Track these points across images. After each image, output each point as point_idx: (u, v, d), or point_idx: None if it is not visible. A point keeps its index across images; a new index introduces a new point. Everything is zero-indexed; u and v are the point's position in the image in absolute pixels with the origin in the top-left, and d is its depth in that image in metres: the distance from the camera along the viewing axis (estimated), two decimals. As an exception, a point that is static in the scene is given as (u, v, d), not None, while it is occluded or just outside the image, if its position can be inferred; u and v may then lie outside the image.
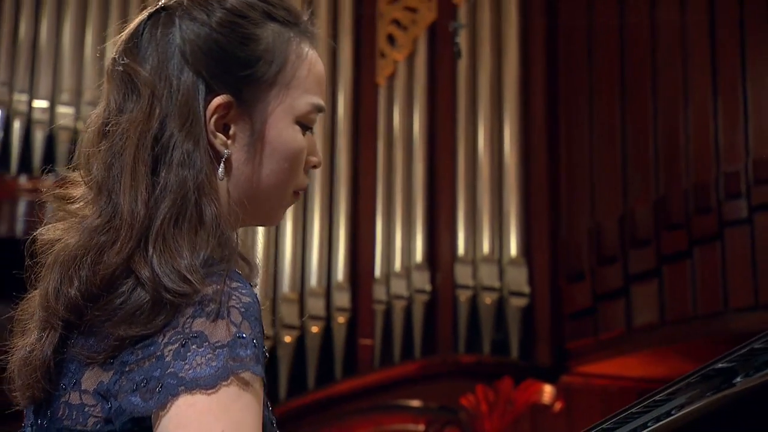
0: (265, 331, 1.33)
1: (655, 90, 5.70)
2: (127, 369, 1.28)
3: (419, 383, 5.53)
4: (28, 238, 1.41)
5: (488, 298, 5.67)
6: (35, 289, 1.40)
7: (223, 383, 1.24)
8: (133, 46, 1.40)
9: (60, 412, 1.34)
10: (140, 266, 1.30)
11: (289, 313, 5.62)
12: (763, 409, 1.42)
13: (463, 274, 5.72)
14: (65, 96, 5.68)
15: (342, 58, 6.01)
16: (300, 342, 5.57)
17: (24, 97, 5.67)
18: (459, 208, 5.83)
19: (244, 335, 1.27)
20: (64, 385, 1.34)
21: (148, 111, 1.37)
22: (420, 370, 5.61)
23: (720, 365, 1.45)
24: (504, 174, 5.89)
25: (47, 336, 1.35)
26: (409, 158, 5.93)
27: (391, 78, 6.02)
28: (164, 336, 1.27)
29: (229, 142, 1.38)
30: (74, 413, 1.33)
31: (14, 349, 1.40)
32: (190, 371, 1.25)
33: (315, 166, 1.48)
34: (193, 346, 1.25)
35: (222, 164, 1.37)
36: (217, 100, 1.37)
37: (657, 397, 1.54)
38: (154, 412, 1.25)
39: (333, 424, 5.52)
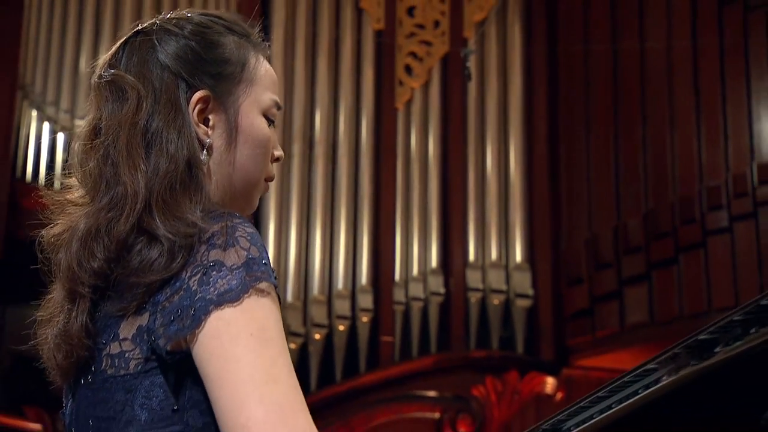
0: (297, 330, 1.42)
1: (644, 114, 5.70)
2: (160, 307, 1.29)
3: (435, 375, 5.52)
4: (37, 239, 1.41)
5: (496, 300, 5.69)
6: (52, 283, 1.41)
7: (245, 295, 1.26)
8: (116, 61, 1.44)
9: (103, 365, 1.33)
10: (150, 224, 1.31)
11: (318, 314, 5.59)
12: (741, 376, 1.37)
13: (473, 279, 5.74)
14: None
15: (365, 87, 5.98)
16: (328, 339, 5.55)
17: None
18: (470, 219, 5.84)
19: (253, 256, 1.29)
20: (104, 340, 1.33)
21: (135, 108, 1.39)
22: (435, 363, 5.60)
23: (702, 337, 1.44)
24: (510, 190, 5.90)
25: (78, 305, 1.35)
26: (425, 175, 5.91)
27: (409, 104, 6.00)
28: (186, 272, 1.28)
29: (210, 131, 1.41)
30: (116, 361, 1.32)
31: (44, 337, 1.40)
32: (215, 292, 1.26)
33: (278, 159, 1.50)
34: (213, 273, 1.27)
35: (205, 150, 1.40)
36: (198, 94, 1.40)
37: (647, 367, 1.53)
38: (191, 333, 1.26)
39: (358, 413, 5.46)
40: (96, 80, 1.44)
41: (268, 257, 1.31)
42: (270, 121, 1.47)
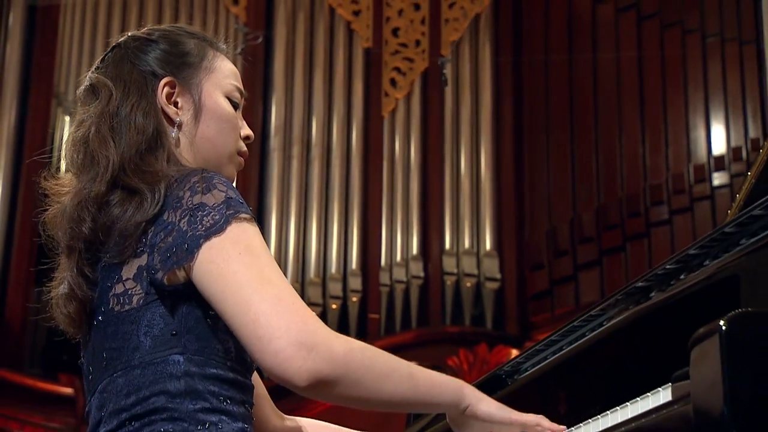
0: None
1: (596, 120, 5.72)
2: (156, 248, 1.30)
3: (415, 348, 5.47)
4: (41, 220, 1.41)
5: (468, 282, 5.68)
6: (57, 257, 1.41)
7: (228, 226, 1.27)
8: (94, 69, 1.47)
9: (111, 304, 1.33)
10: (124, 180, 1.34)
11: (314, 294, 5.60)
12: (672, 317, 1.35)
13: (449, 264, 5.72)
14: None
15: (355, 97, 5.96)
16: (323, 316, 5.32)
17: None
18: (446, 213, 5.82)
19: (231, 196, 1.30)
20: (109, 284, 1.34)
21: (106, 101, 1.41)
22: (415, 338, 5.60)
23: (639, 284, 1.46)
24: (480, 187, 5.89)
25: (77, 262, 1.35)
26: (407, 174, 5.90)
27: (393, 112, 5.98)
28: (176, 216, 1.29)
29: (179, 111, 1.43)
30: (121, 299, 1.33)
31: (55, 298, 1.40)
32: (202, 228, 1.27)
33: (247, 137, 1.49)
34: (199, 213, 1.28)
35: (176, 127, 1.42)
36: (164, 80, 1.43)
37: (592, 312, 1.57)
38: (187, 266, 1.27)
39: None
40: (80, 93, 1.47)
41: (241, 197, 1.33)
42: (234, 104, 1.48)
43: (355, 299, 5.67)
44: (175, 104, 1.44)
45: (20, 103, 5.51)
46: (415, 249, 5.79)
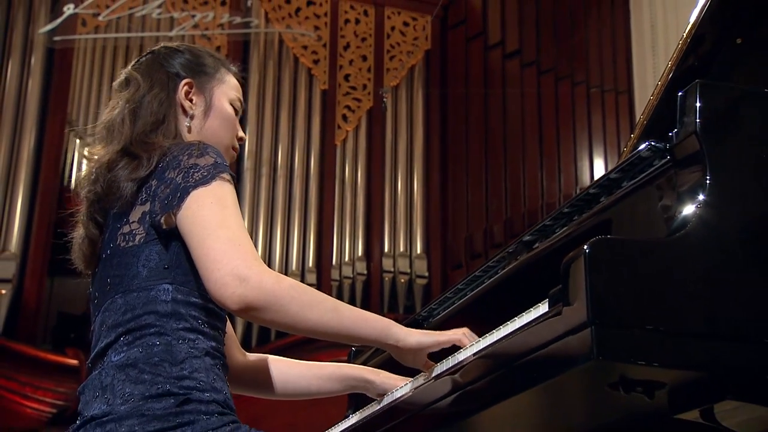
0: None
1: (505, 151, 5.77)
2: (157, 197, 1.31)
3: None
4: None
5: (402, 279, 5.71)
6: (78, 210, 1.42)
7: (213, 181, 1.28)
8: (131, 67, 1.50)
9: (118, 241, 1.34)
10: (131, 149, 1.36)
11: None
12: (550, 261, 1.33)
13: (387, 264, 5.73)
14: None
15: (313, 129, 5.88)
16: None
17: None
18: (385, 223, 5.83)
19: (219, 161, 1.31)
20: (119, 225, 1.34)
21: (134, 90, 1.44)
22: None
23: (526, 238, 1.49)
24: (413, 202, 5.91)
25: (88, 207, 1.37)
26: (354, 192, 5.87)
27: (344, 142, 5.95)
28: (174, 173, 1.30)
29: (193, 106, 1.45)
30: (127, 237, 1.33)
31: (74, 239, 1.41)
32: (192, 181, 1.29)
33: (241, 139, 1.51)
34: (192, 171, 1.30)
35: (188, 117, 1.44)
36: (185, 80, 1.46)
37: (490, 263, 1.58)
38: (178, 208, 1.28)
39: (306, 356, 5.24)
40: (116, 81, 1.50)
41: (226, 163, 1.34)
42: (235, 111, 1.49)
43: (311, 291, 5.63)
44: (190, 100, 1.46)
45: (39, 129, 5.40)
46: (360, 251, 5.80)
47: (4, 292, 5.01)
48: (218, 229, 1.25)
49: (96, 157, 1.42)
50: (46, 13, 5.53)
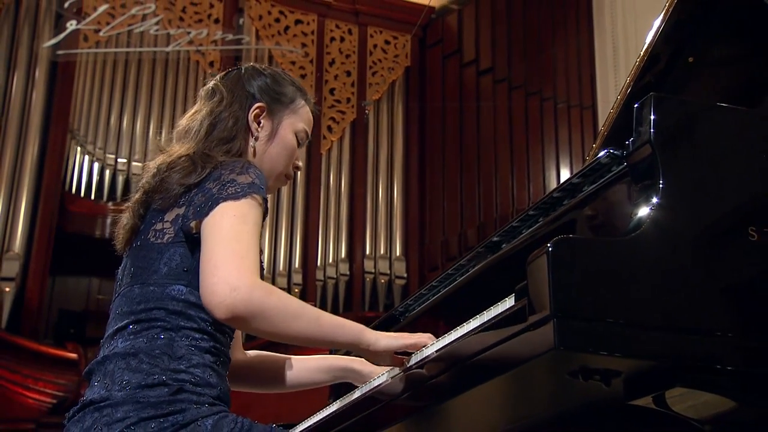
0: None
1: (479, 161, 5.74)
2: (192, 204, 1.30)
3: None
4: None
5: (383, 280, 5.71)
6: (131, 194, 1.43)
7: (244, 198, 1.26)
8: (218, 79, 1.50)
9: (149, 235, 1.34)
10: (193, 157, 1.35)
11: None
12: (516, 260, 1.31)
13: (368, 265, 5.72)
14: (137, 156, 5.45)
15: None
16: None
17: (112, 156, 5.43)
18: (367, 227, 5.82)
19: (256, 182, 1.30)
20: (154, 221, 1.34)
21: (218, 102, 1.45)
22: None
23: (494, 239, 1.49)
24: (393, 208, 5.89)
25: (138, 197, 1.38)
26: (339, 198, 5.85)
27: (329, 151, 5.94)
28: (213, 183, 1.30)
29: (260, 129, 1.45)
30: (158, 234, 1.33)
31: (120, 220, 1.41)
32: (225, 194, 1.28)
33: (297, 167, 1.49)
34: (228, 185, 1.28)
35: (254, 138, 1.44)
36: (258, 104, 1.45)
37: (461, 263, 1.58)
38: (206, 216, 1.27)
39: (293, 351, 5.24)
40: (202, 92, 1.50)
41: (266, 186, 1.32)
42: (299, 142, 1.48)
43: (297, 290, 5.60)
44: (258, 123, 1.45)
45: (42, 137, 5.37)
46: (343, 253, 5.79)
47: (8, 289, 4.99)
48: (230, 240, 1.23)
49: (168, 153, 1.41)
50: (50, 28, 5.52)
